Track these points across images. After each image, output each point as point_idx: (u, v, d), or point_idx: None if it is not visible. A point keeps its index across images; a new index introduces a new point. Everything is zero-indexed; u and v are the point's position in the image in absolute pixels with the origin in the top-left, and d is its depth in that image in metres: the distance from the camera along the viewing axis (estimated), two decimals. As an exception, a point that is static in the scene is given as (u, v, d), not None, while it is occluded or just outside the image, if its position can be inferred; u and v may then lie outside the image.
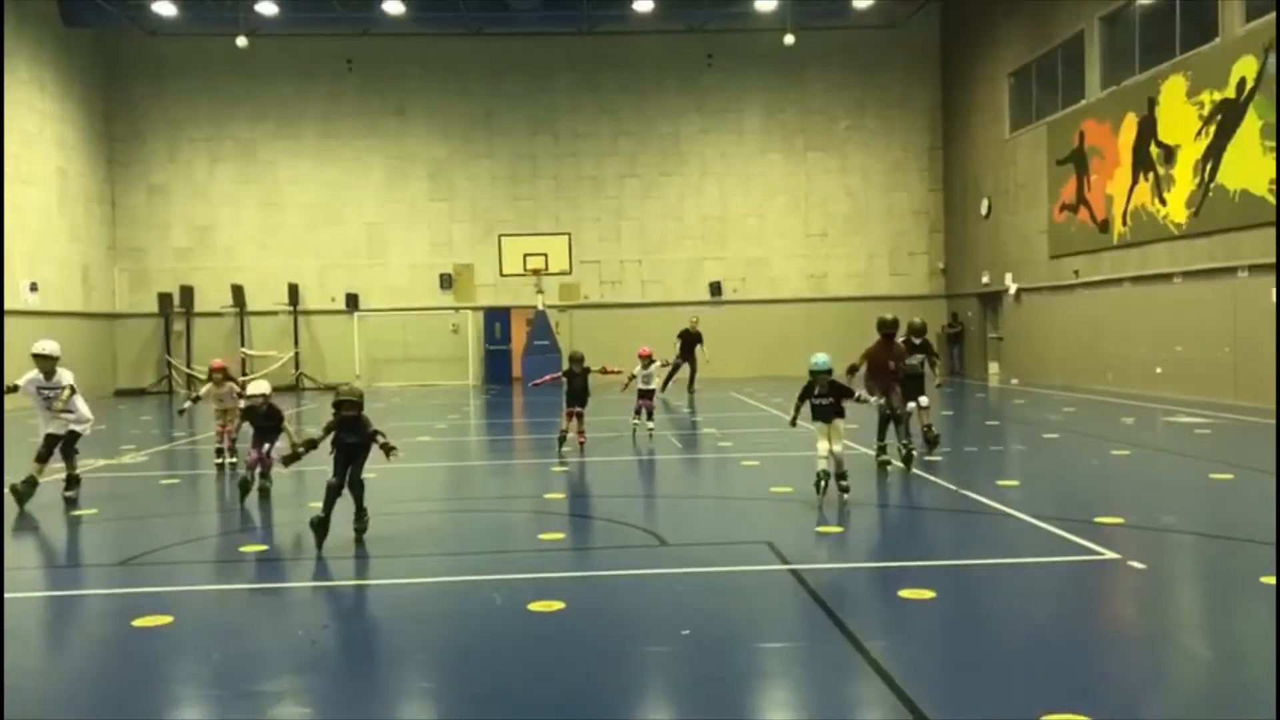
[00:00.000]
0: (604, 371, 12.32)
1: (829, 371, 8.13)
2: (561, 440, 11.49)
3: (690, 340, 21.73)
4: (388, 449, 7.07)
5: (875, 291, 28.27)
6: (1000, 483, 9.23)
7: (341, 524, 7.14)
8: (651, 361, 13.17)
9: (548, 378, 12.77)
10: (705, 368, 22.20)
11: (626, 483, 10.31)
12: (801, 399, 8.26)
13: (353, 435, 7.12)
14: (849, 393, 8.20)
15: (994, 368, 25.86)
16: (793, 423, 8.37)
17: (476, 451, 14.28)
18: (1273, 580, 5.55)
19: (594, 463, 11.03)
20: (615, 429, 13.66)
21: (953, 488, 8.98)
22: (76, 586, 6.50)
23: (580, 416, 11.60)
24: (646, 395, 12.97)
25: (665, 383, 20.63)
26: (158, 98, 27.28)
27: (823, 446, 8.10)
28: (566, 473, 10.39)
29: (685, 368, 21.73)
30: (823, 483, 8.17)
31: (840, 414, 8.09)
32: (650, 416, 12.99)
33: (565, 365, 12.13)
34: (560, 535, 7.57)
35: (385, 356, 27.80)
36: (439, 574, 6.50)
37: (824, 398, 8.10)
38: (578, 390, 11.61)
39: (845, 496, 8.14)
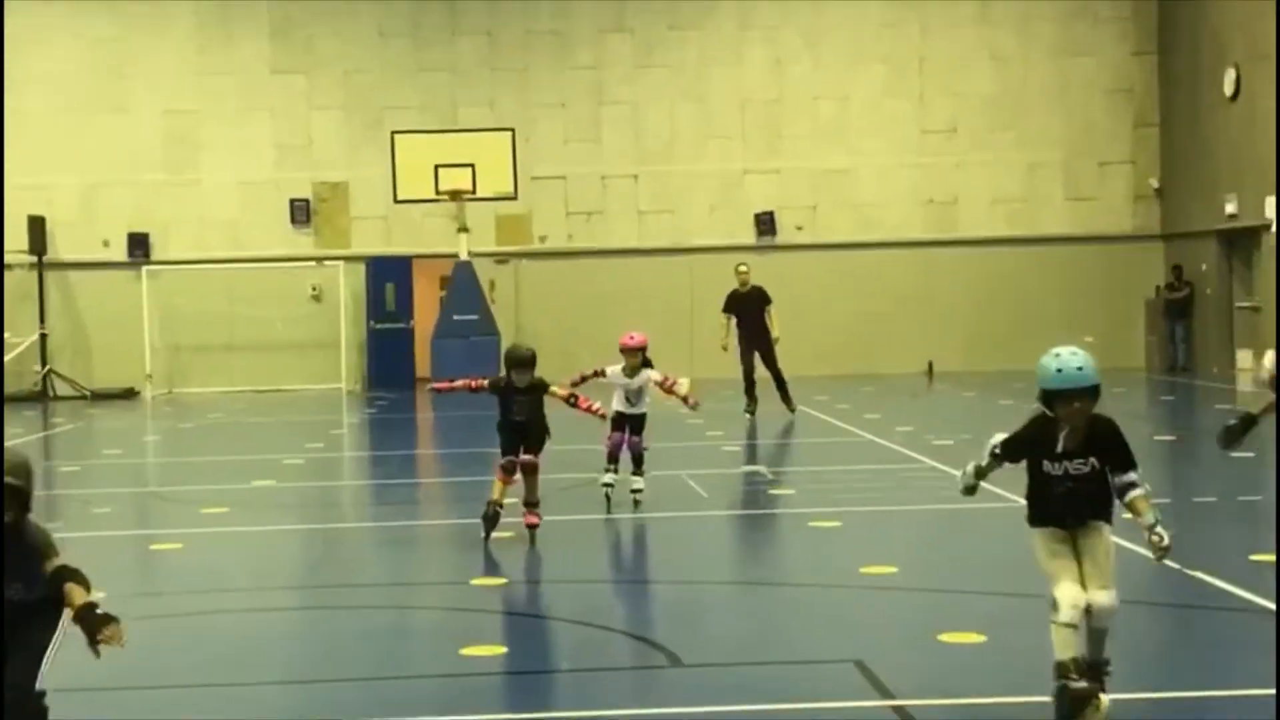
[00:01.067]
0: (572, 401, 10.46)
1: (1094, 392, 5.75)
2: (490, 520, 9.90)
3: (750, 307, 19.97)
4: (94, 626, 4.86)
5: (1039, 230, 28.40)
6: (1255, 557, 9.23)
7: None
8: (645, 363, 11.70)
9: (459, 383, 10.79)
10: (777, 353, 21.40)
11: (609, 557, 10.31)
12: (1009, 452, 6.04)
13: (11, 581, 5.03)
14: (1130, 459, 5.87)
15: (1245, 358, 25.85)
16: (970, 489, 6.36)
17: (355, 505, 14.26)
18: None
19: (555, 524, 11.02)
20: (587, 467, 13.62)
21: (1174, 565, 8.97)
22: None
23: (531, 471, 9.94)
24: (629, 424, 11.63)
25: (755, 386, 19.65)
26: None
27: (1069, 592, 5.78)
28: (509, 541, 10.39)
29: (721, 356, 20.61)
30: (1077, 687, 5.75)
31: (1106, 510, 5.97)
32: (639, 465, 11.68)
33: (501, 371, 10.72)
34: (499, 649, 7.57)
35: (197, 342, 27.87)
36: (291, 716, 6.49)
37: (1076, 460, 5.81)
38: (521, 421, 10.02)
39: (1102, 708, 5.89)
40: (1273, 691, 6.46)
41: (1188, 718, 6.25)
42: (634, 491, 11.57)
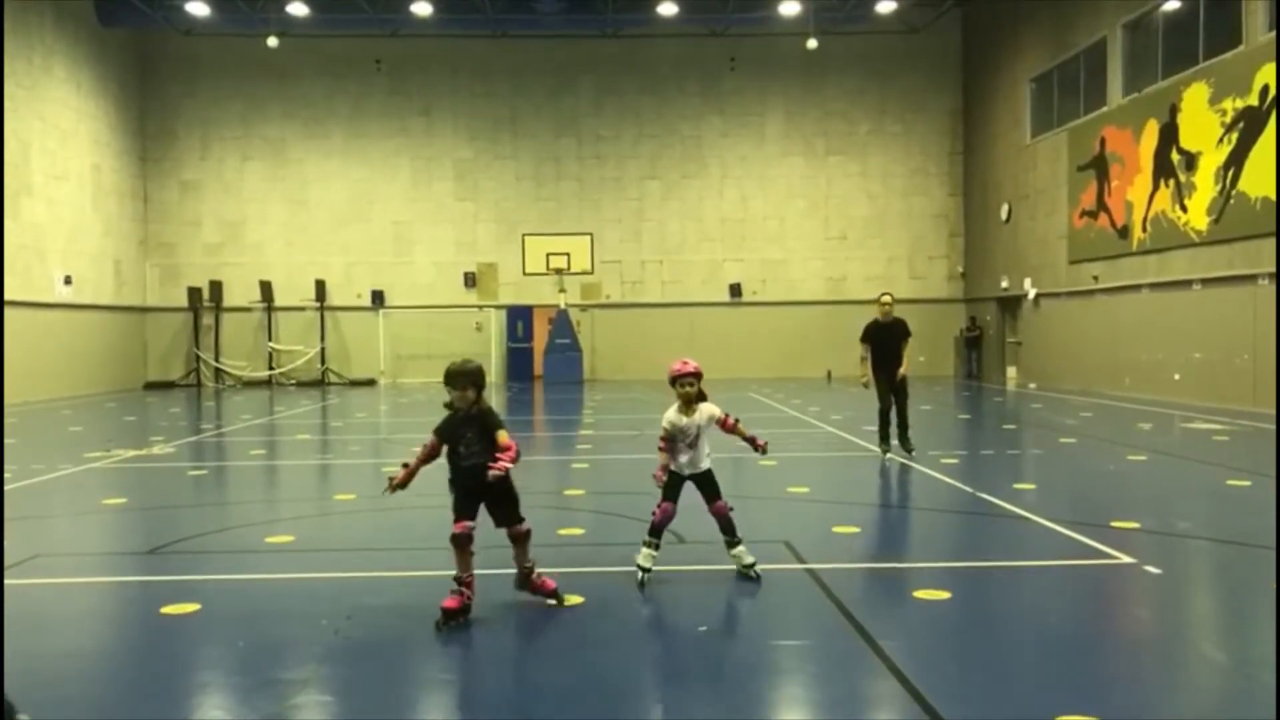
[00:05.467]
0: (495, 453, 5.37)
1: None
2: (453, 615, 5.13)
3: (890, 339, 11.86)
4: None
5: (895, 295, 28.14)
6: (1017, 486, 9.18)
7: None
8: (700, 397, 5.94)
9: (414, 464, 5.69)
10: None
11: (645, 479, 10.30)
12: None
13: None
14: None
15: (1012, 372, 25.70)
16: None
17: (497, 447, 14.30)
18: (1289, 587, 5.49)
19: (612, 460, 11.02)
20: (635, 427, 13.62)
21: (969, 490, 8.94)
22: (106, 573, 6.57)
23: (521, 540, 5.53)
24: (690, 486, 6.03)
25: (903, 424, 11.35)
26: (190, 96, 27.53)
27: None
28: (584, 471, 10.39)
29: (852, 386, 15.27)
30: None
31: None
32: (729, 533, 6.02)
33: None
34: (580, 530, 7.59)
35: (409, 353, 27.95)
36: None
37: None
38: (471, 468, 5.37)
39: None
40: (1029, 562, 6.43)
41: (979, 576, 6.21)
42: (746, 567, 5.91)
